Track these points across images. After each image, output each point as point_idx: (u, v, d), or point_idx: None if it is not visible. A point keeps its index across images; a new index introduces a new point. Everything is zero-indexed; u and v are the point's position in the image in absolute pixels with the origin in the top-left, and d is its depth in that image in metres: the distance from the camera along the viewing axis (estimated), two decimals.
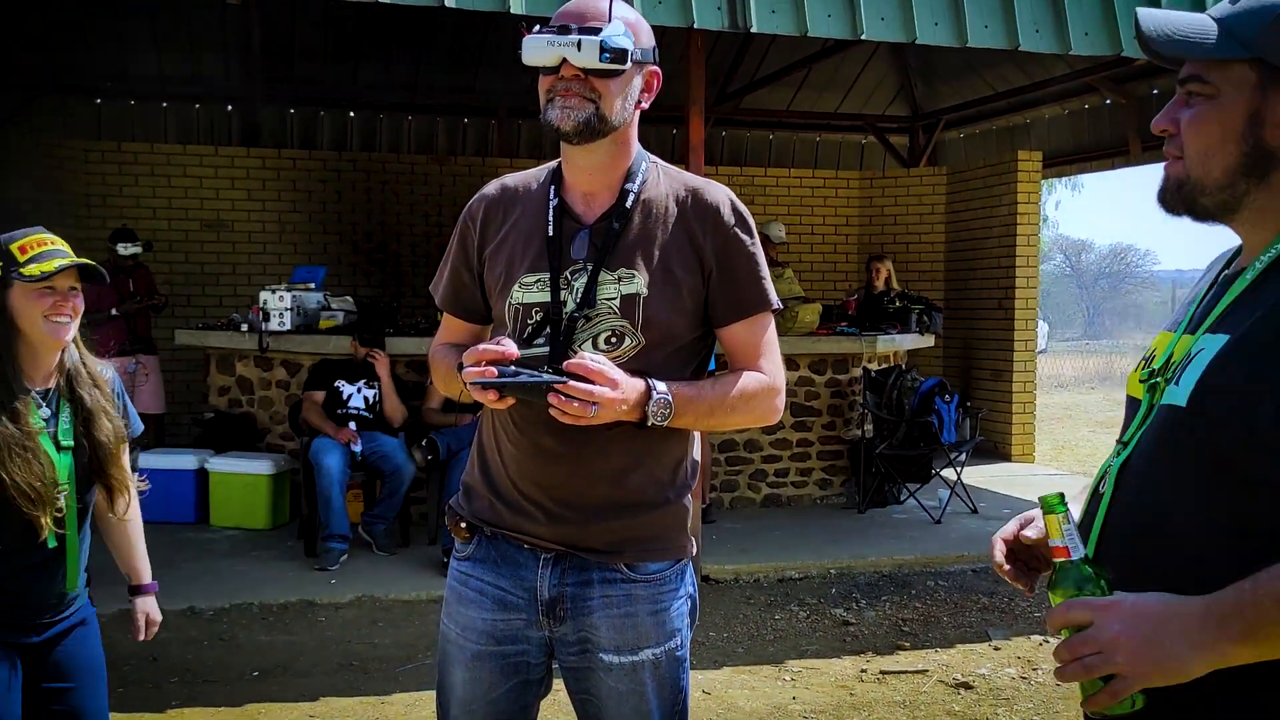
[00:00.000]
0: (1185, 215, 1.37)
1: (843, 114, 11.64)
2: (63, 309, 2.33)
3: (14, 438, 2.26)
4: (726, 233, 1.90)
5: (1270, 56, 1.26)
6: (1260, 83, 1.28)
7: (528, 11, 4.72)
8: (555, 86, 1.82)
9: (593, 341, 1.85)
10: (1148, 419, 1.35)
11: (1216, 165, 1.32)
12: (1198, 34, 1.31)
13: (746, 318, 1.92)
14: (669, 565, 1.96)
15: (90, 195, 9.50)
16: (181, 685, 4.40)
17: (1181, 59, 1.33)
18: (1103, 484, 1.39)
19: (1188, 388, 1.27)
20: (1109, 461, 1.40)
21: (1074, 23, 5.38)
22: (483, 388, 1.74)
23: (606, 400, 1.72)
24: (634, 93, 1.88)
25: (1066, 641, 1.16)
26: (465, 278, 2.03)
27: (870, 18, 5.13)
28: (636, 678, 1.91)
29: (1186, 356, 1.31)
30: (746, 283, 1.91)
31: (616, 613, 1.91)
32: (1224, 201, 1.33)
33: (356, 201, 10.11)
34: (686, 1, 4.91)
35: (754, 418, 1.96)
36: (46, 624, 2.41)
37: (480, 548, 1.98)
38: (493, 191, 2.02)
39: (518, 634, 1.94)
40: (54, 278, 2.31)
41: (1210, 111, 1.31)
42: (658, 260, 1.87)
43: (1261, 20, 1.26)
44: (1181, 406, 1.27)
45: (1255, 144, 1.29)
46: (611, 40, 1.78)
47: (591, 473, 1.87)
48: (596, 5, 1.83)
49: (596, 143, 1.85)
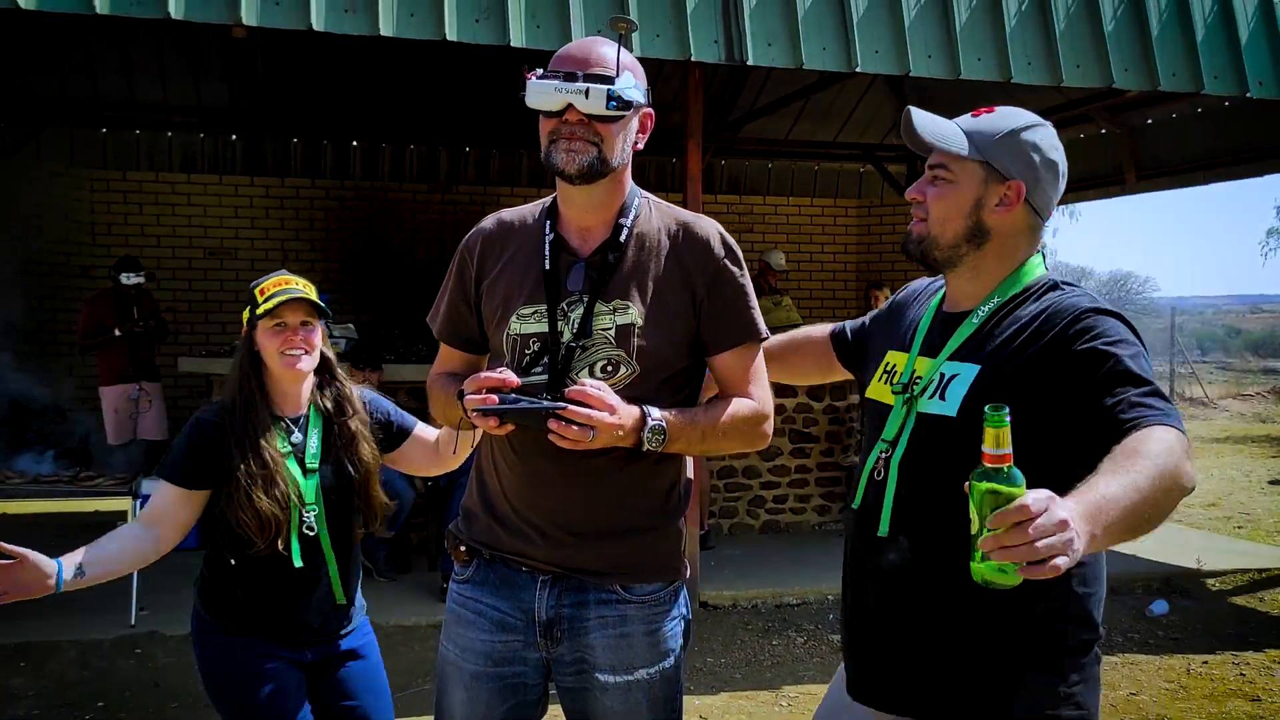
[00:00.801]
0: (919, 263, 1.87)
1: (841, 143, 11.74)
2: (294, 343, 2.49)
3: (261, 464, 2.41)
4: (717, 265, 1.96)
5: (993, 161, 1.78)
6: (985, 178, 1.79)
7: (527, 45, 4.81)
8: (559, 130, 1.88)
9: (589, 370, 1.91)
10: (907, 422, 1.78)
11: (948, 231, 1.81)
12: (952, 137, 1.80)
13: (736, 347, 1.98)
14: (663, 587, 2.01)
15: (96, 223, 9.60)
16: (182, 709, 4.43)
17: (936, 150, 1.81)
18: (879, 472, 1.80)
19: (955, 403, 1.71)
20: (878, 454, 1.81)
21: (1065, 56, 5.47)
22: (484, 414, 1.80)
23: (604, 425, 1.78)
24: (632, 134, 1.94)
25: (1038, 525, 1.35)
26: (463, 309, 2.09)
27: (865, 51, 5.22)
28: (632, 697, 1.96)
29: (940, 378, 1.76)
30: (736, 313, 1.97)
31: (612, 633, 1.96)
32: (949, 258, 1.83)
33: (358, 230, 10.20)
34: (684, 35, 5.00)
35: (744, 443, 2.01)
36: (324, 642, 2.54)
37: (479, 570, 2.03)
38: (490, 226, 2.08)
39: (515, 655, 1.99)
40: (284, 315, 2.47)
41: (949, 192, 1.81)
42: (651, 292, 1.93)
43: (992, 136, 1.79)
44: (953, 416, 1.71)
45: (977, 221, 1.80)
46: (625, 93, 1.85)
47: (588, 496, 1.92)
48: (600, 51, 1.89)
49: (595, 184, 1.91)
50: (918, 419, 1.77)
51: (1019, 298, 1.79)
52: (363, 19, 4.60)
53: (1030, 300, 1.78)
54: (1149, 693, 4.76)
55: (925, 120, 1.80)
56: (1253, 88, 5.71)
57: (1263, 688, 4.82)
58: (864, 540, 1.82)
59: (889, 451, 1.80)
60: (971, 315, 1.81)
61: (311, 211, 10.14)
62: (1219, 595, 6.42)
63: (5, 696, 4.52)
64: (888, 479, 1.79)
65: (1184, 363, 23.32)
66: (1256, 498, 10.06)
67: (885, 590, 1.79)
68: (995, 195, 1.79)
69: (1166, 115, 9.19)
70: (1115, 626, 5.72)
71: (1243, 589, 6.55)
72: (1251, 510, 9.33)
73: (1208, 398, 21.12)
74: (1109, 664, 5.11)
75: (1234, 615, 6.01)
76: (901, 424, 1.80)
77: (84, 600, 5.55)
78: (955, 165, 1.80)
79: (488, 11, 4.76)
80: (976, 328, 1.79)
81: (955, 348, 1.79)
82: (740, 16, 5.08)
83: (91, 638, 5.11)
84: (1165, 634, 5.64)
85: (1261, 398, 21.36)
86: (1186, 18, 5.63)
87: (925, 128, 1.79)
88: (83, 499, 5.22)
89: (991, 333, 1.77)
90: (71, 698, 4.53)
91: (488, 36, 4.78)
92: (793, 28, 5.14)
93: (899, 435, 1.79)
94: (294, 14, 4.49)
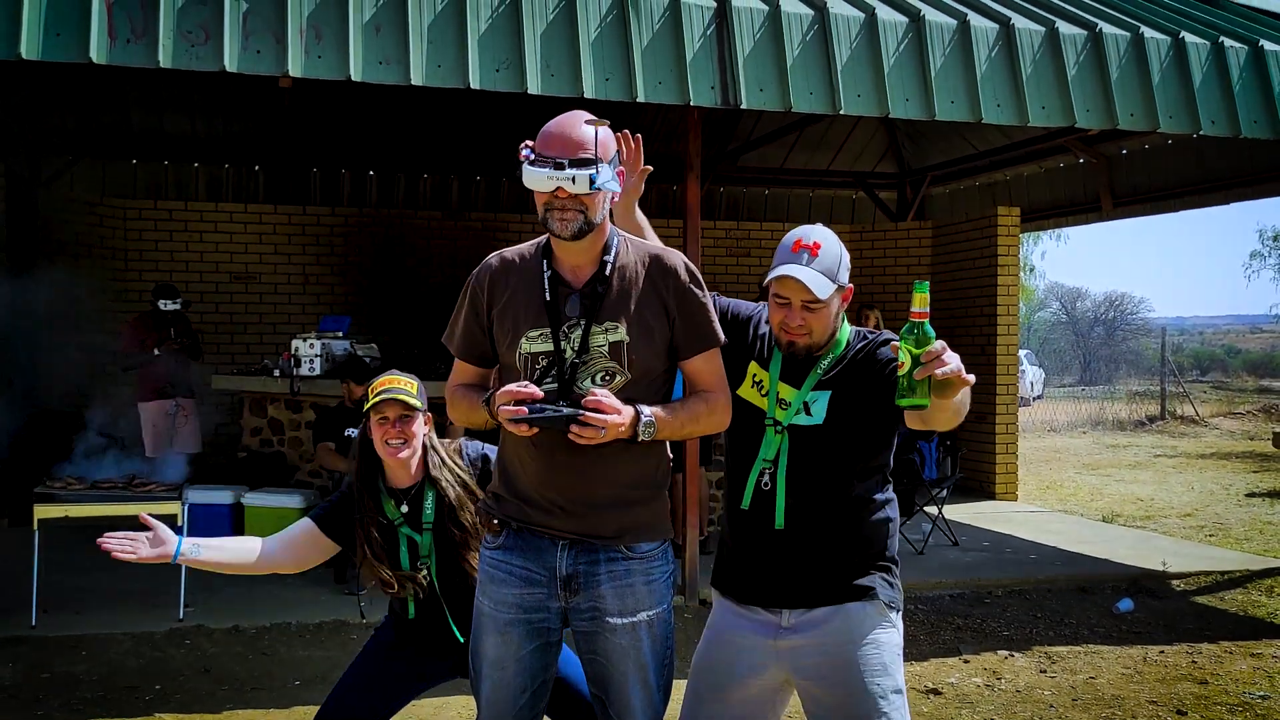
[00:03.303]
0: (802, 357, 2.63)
1: (834, 171, 12.31)
2: (390, 434, 2.98)
3: (379, 531, 3.01)
4: (684, 288, 2.47)
5: (836, 283, 2.56)
6: (835, 293, 2.57)
7: (542, 91, 5.33)
8: (552, 203, 2.37)
9: (591, 379, 2.42)
10: (783, 445, 2.57)
11: (824, 335, 2.60)
12: (825, 288, 2.53)
13: (703, 352, 2.49)
14: (657, 545, 2.53)
15: (129, 250, 10.16)
16: (233, 692, 4.92)
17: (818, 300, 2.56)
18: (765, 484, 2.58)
19: (820, 416, 2.57)
20: (760, 469, 2.59)
21: (1031, 98, 5.99)
22: (515, 422, 2.31)
23: (613, 425, 2.29)
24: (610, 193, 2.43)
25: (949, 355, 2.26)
26: (476, 332, 2.58)
27: (848, 95, 5.74)
28: (635, 635, 2.47)
29: (805, 404, 2.58)
30: (701, 326, 2.48)
31: (619, 584, 2.46)
32: (819, 346, 2.61)
33: (375, 254, 10.75)
34: (684, 82, 5.52)
35: (714, 427, 2.55)
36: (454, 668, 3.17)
37: (509, 539, 2.53)
38: (495, 263, 2.58)
39: (540, 605, 2.49)
40: (385, 410, 2.99)
41: (823, 313, 2.57)
42: (634, 313, 2.44)
43: (833, 269, 2.55)
44: (820, 424, 2.56)
45: (835, 321, 2.63)
46: (605, 184, 2.34)
47: (596, 477, 2.43)
48: (579, 134, 2.35)
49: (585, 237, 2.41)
50: (791, 432, 2.58)
51: (843, 346, 2.65)
52: (396, 70, 5.12)
53: (848, 344, 2.65)
54: (1106, 677, 5.24)
55: (809, 278, 2.53)
56: (1205, 126, 6.23)
57: (1211, 672, 5.30)
58: (760, 529, 2.62)
59: (772, 468, 2.58)
60: (820, 362, 2.64)
61: (331, 237, 10.69)
62: (1182, 595, 6.90)
63: (70, 681, 5.00)
64: (776, 489, 2.57)
65: (1175, 381, 23.69)
66: (1232, 509, 10.53)
67: (783, 550, 2.61)
68: (839, 301, 2.61)
69: (1140, 146, 9.73)
70: (1083, 622, 6.21)
71: (1206, 589, 7.03)
72: (1225, 520, 9.80)
73: (1199, 416, 21.56)
74: (1073, 654, 5.60)
75: (1195, 612, 6.49)
76: (778, 448, 2.58)
77: (135, 597, 6.09)
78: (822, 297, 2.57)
79: (507, 62, 5.29)
80: (824, 368, 2.63)
81: (814, 383, 2.62)
82: (735, 64, 5.60)
83: (144, 630, 5.61)
84: (1128, 628, 6.12)
85: (1252, 416, 21.79)
86: (1143, 63, 6.15)
87: (813, 284, 2.52)
88: (136, 503, 5.71)
89: (830, 370, 2.62)
90: (129, 682, 5.01)
91: (507, 85, 5.30)
92: (782, 74, 5.66)
93: (778, 455, 2.58)
94: (336, 66, 5.01)
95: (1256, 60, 6.37)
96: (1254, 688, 5.08)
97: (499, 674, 2.52)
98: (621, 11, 5.46)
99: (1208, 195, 9.36)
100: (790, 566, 2.59)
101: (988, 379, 10.44)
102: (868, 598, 2.57)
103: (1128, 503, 10.94)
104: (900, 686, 2.58)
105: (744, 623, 2.64)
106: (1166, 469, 14.22)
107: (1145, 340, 40.77)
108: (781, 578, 2.60)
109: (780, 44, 5.66)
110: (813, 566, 2.58)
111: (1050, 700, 4.91)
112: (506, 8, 5.29)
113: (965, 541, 8.09)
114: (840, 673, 2.54)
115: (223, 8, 4.87)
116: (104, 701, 4.77)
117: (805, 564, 2.58)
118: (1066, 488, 12.17)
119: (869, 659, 2.53)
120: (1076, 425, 20.94)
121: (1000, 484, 10.45)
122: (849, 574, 2.58)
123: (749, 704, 2.64)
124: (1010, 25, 5.99)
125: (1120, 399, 23.50)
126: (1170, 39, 6.24)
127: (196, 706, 4.71)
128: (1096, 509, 10.35)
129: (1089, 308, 42.59)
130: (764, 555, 2.61)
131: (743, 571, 2.68)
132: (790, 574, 2.60)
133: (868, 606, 2.57)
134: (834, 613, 2.56)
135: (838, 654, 2.54)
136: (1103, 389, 27.62)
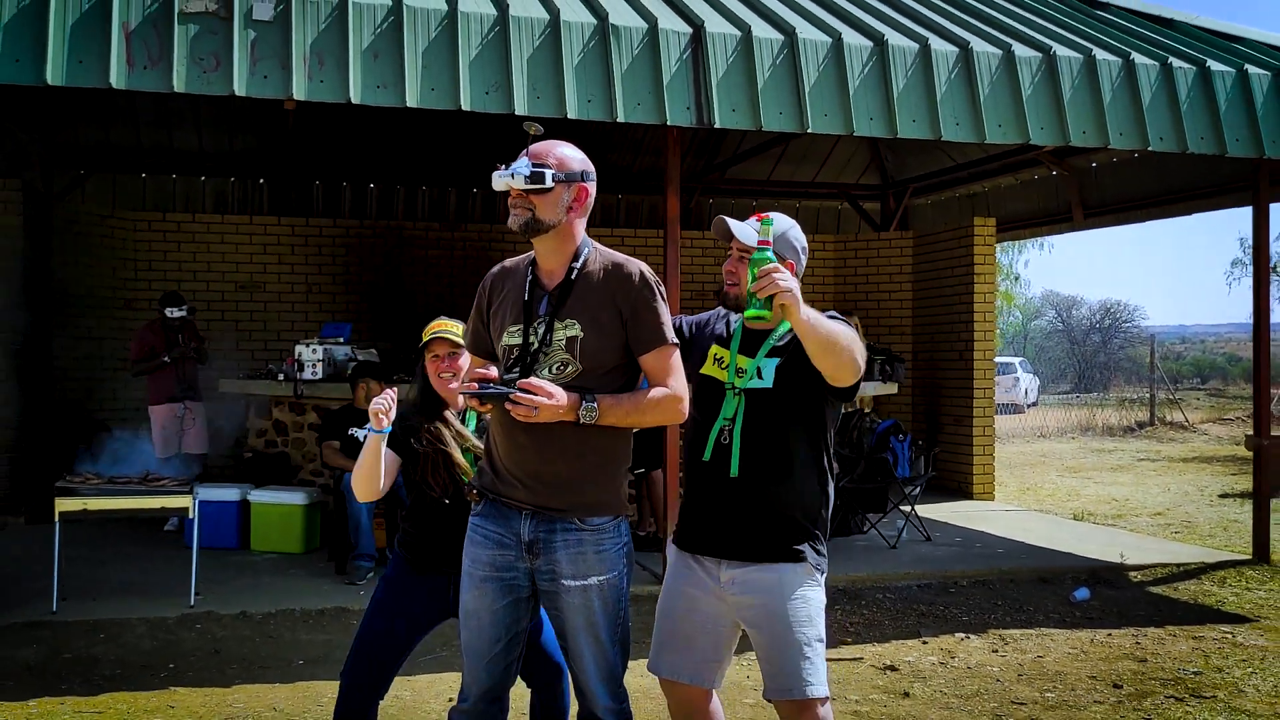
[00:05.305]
0: (733, 310, 3.13)
1: (819, 183, 12.71)
2: (442, 368, 3.39)
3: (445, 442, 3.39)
4: (636, 293, 2.84)
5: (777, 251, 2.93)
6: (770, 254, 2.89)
7: (529, 112, 5.74)
8: (509, 201, 2.82)
9: (549, 369, 2.81)
10: (739, 405, 3.01)
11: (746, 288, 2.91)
12: (751, 235, 2.93)
13: (654, 350, 2.86)
14: (609, 520, 2.89)
15: (138, 260, 10.57)
16: (241, 670, 5.31)
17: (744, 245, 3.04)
18: (725, 438, 3.02)
19: (770, 380, 3.02)
20: (721, 425, 3.03)
21: (989, 117, 6.39)
22: (468, 396, 2.75)
23: (543, 405, 2.67)
24: (565, 203, 2.82)
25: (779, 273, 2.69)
26: (480, 330, 3.01)
27: (815, 114, 6.14)
28: (586, 596, 2.85)
29: (758, 369, 3.02)
30: (651, 327, 2.84)
31: (572, 551, 2.84)
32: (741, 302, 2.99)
33: (376, 264, 11.16)
34: (661, 103, 5.92)
35: (664, 417, 2.88)
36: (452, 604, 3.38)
37: (486, 508, 2.94)
38: (497, 270, 3.02)
39: (510, 565, 2.89)
40: (436, 349, 3.39)
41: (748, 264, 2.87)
42: (591, 313, 2.83)
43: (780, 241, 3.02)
44: (770, 387, 3.01)
45: None
46: (545, 176, 2.74)
47: (550, 457, 2.82)
48: (543, 146, 2.81)
49: (541, 237, 2.82)
50: (747, 395, 3.03)
51: None
52: (392, 93, 5.53)
53: None
54: (1053, 656, 5.62)
55: (739, 228, 3.05)
56: (1154, 142, 6.64)
57: (1152, 652, 5.68)
58: (718, 479, 3.05)
59: (731, 425, 3.04)
60: (770, 338, 3.08)
61: (333, 248, 11.10)
62: (1138, 585, 7.28)
63: (90, 660, 5.39)
64: (733, 442, 3.02)
65: (1167, 389, 24.04)
66: (1203, 509, 10.89)
67: (736, 498, 3.04)
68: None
69: (1108, 160, 10.14)
70: (1039, 609, 6.59)
71: (1161, 580, 7.41)
72: (1194, 519, 10.17)
73: (1188, 422, 21.92)
74: (1025, 636, 5.98)
75: (1148, 601, 6.87)
76: (736, 407, 3.04)
77: (149, 586, 6.49)
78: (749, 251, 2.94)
79: (496, 85, 5.69)
80: (775, 339, 3.07)
81: (766, 351, 3.06)
82: (709, 86, 6.00)
83: (158, 615, 6.01)
84: (1083, 615, 6.50)
85: (1240, 421, 22.13)
86: (1095, 83, 6.55)
87: (739, 233, 3.05)
88: (150, 497, 6.12)
89: (780, 339, 3.06)
90: (145, 661, 5.40)
91: (496, 106, 5.70)
92: (753, 95, 6.06)
93: (735, 414, 3.04)
94: (337, 89, 5.42)
95: (1203, 80, 6.77)
96: (1189, 665, 5.46)
97: (475, 623, 2.92)
98: (603, 37, 5.87)
99: (1169, 207, 9.76)
100: (740, 514, 3.03)
101: (965, 383, 10.84)
102: (798, 559, 3.02)
103: (1102, 503, 11.31)
104: (822, 636, 3.03)
105: (695, 575, 3.10)
106: (1147, 472, 14.58)
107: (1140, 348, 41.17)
108: (731, 526, 3.04)
109: (752, 67, 6.06)
110: (759, 517, 3.01)
111: (998, 675, 5.29)
112: (495, 35, 5.70)
113: (938, 537, 8.47)
114: (774, 622, 3.00)
115: (232, 36, 5.28)
116: (121, 679, 5.15)
117: (753, 513, 3.01)
118: (1045, 489, 12.54)
119: (797, 611, 2.99)
120: (1066, 431, 21.31)
121: (978, 484, 10.83)
122: (786, 537, 3.02)
123: (705, 639, 3.09)
124: (969, 49, 6.39)
125: (1110, 406, 23.86)
126: (1121, 60, 6.65)
127: (208, 683, 5.09)
128: (1070, 508, 10.73)
129: (1084, 315, 42.99)
130: (719, 503, 3.04)
131: (697, 521, 3.11)
132: (739, 523, 3.03)
133: (798, 568, 3.02)
134: (769, 570, 3.02)
135: (772, 606, 3.00)
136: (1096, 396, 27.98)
